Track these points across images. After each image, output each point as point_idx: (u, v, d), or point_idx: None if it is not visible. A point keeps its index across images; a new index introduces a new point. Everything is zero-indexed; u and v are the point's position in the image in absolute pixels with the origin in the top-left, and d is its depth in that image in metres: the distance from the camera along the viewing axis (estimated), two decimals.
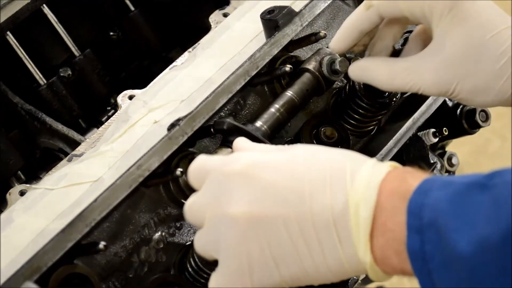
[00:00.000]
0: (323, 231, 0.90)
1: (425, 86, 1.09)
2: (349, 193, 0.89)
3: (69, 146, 1.38)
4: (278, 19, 1.24)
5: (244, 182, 0.94)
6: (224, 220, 0.94)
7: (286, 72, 1.21)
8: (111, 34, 1.62)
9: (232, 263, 0.94)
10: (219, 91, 1.17)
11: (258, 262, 0.93)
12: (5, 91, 1.44)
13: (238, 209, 0.93)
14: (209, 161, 0.99)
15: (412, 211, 0.85)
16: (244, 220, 0.92)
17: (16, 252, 1.07)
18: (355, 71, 1.16)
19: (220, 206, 0.95)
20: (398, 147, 1.30)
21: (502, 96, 1.07)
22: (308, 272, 0.92)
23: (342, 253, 0.89)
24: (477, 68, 1.06)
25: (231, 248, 0.94)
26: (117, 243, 1.12)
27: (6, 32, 1.42)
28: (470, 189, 0.83)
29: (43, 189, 1.16)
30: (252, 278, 0.94)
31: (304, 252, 0.91)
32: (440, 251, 0.82)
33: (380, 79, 1.12)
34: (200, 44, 1.35)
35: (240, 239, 0.93)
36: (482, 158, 3.15)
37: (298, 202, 0.91)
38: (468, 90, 1.08)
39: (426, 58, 1.09)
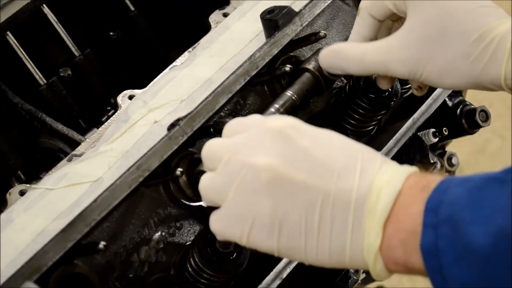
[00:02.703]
0: (340, 210, 0.89)
1: (394, 65, 1.10)
2: (376, 179, 0.89)
3: (69, 146, 1.38)
4: (278, 19, 1.24)
5: (279, 139, 0.93)
6: (246, 168, 0.92)
7: (286, 72, 1.22)
8: (111, 34, 1.62)
9: (237, 210, 0.93)
10: (219, 91, 1.17)
11: (263, 220, 0.92)
12: (5, 91, 1.44)
13: (264, 160, 0.92)
14: (248, 118, 0.98)
15: (429, 208, 0.86)
16: (266, 173, 0.91)
17: (16, 252, 1.07)
18: (326, 54, 1.16)
19: (246, 154, 0.93)
20: (398, 147, 1.30)
21: (470, 77, 1.07)
22: (306, 249, 0.91)
23: (349, 237, 0.89)
24: (443, 48, 1.07)
25: (242, 196, 0.92)
26: (117, 243, 1.12)
27: (6, 32, 1.42)
28: (488, 184, 0.84)
29: (43, 189, 1.16)
30: (250, 233, 0.93)
31: (312, 225, 0.90)
32: (454, 246, 0.83)
33: (351, 61, 1.13)
34: (200, 44, 1.35)
35: (255, 190, 0.91)
36: (482, 158, 3.15)
37: (325, 176, 0.91)
38: (437, 70, 1.08)
39: (397, 38, 1.10)
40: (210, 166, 0.97)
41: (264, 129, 0.95)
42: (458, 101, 1.43)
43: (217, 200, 0.95)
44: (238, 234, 0.94)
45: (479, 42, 1.05)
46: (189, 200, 1.17)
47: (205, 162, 0.98)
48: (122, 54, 1.63)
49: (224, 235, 0.96)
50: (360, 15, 1.17)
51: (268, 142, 0.93)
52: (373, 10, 1.15)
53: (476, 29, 1.05)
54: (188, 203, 1.17)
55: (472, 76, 1.07)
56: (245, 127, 0.97)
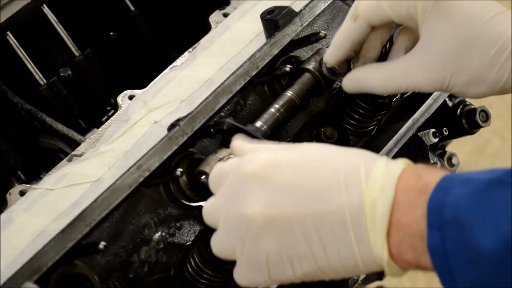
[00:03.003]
0: (339, 231, 0.90)
1: (420, 85, 1.11)
2: (364, 191, 0.89)
3: (69, 146, 1.38)
4: (278, 19, 1.24)
5: (258, 183, 0.94)
6: (240, 220, 0.95)
7: (286, 72, 1.22)
8: (111, 34, 1.62)
9: (250, 260, 0.95)
10: (219, 91, 1.17)
11: (273, 260, 0.94)
12: (5, 91, 1.44)
13: (253, 210, 0.93)
14: (226, 165, 1.01)
15: (432, 209, 0.85)
16: (259, 220, 0.93)
17: (16, 252, 1.07)
18: (350, 85, 1.18)
19: (235, 207, 0.95)
20: (398, 147, 1.30)
21: (496, 86, 1.08)
22: (321, 270, 0.93)
23: (357, 252, 0.90)
24: (467, 61, 1.07)
25: (248, 246, 0.95)
26: (117, 243, 1.11)
27: (6, 32, 1.42)
28: (491, 186, 0.84)
29: (43, 189, 1.16)
30: (269, 275, 0.95)
31: (318, 252, 0.91)
32: (462, 249, 0.83)
33: (376, 87, 1.15)
34: (200, 44, 1.35)
35: (256, 238, 0.94)
36: (482, 158, 3.15)
37: (313, 202, 0.91)
38: (462, 83, 1.09)
39: (417, 58, 1.10)
40: (214, 226, 1.01)
41: (241, 176, 0.96)
42: (458, 101, 1.43)
43: (231, 256, 0.99)
44: (262, 280, 0.97)
45: (501, 53, 1.05)
46: (189, 200, 1.17)
47: (210, 224, 1.01)
48: (122, 54, 1.63)
49: (252, 285, 0.99)
50: (356, 22, 1.13)
51: (250, 189, 0.95)
52: (372, 18, 1.13)
53: (496, 40, 1.05)
54: (188, 203, 1.17)
55: (498, 85, 1.08)
56: (224, 176, 0.99)
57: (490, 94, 1.10)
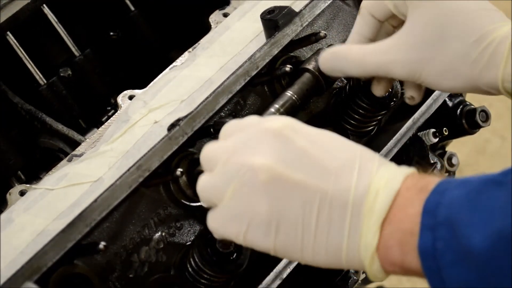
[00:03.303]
0: (338, 210, 0.90)
1: (394, 67, 1.10)
2: (374, 179, 0.90)
3: (69, 146, 1.38)
4: (278, 19, 1.24)
5: (276, 139, 0.93)
6: (243, 168, 0.93)
7: (286, 72, 1.22)
8: (111, 34, 1.62)
9: (235, 209, 0.93)
10: (219, 91, 1.17)
11: (260, 219, 0.92)
12: (5, 91, 1.44)
13: (262, 161, 0.92)
14: (245, 119, 0.99)
15: (427, 210, 0.86)
16: (264, 173, 0.91)
17: (16, 252, 1.08)
18: (327, 60, 1.17)
19: (243, 154, 0.93)
20: (398, 147, 1.30)
21: (469, 79, 1.07)
22: (302, 249, 0.92)
23: (346, 237, 0.89)
24: (444, 48, 1.07)
25: (239, 195, 0.93)
26: (117, 243, 1.12)
27: (6, 32, 1.42)
28: (486, 186, 0.84)
29: (43, 189, 1.16)
30: (246, 232, 0.93)
31: (309, 225, 0.91)
32: (452, 248, 0.83)
33: (352, 62, 1.13)
34: (200, 44, 1.35)
35: (253, 190, 0.92)
36: (482, 158, 3.15)
37: (323, 176, 0.91)
38: (436, 71, 1.08)
39: (397, 39, 1.11)
40: (208, 168, 0.98)
41: (261, 129, 0.95)
42: (458, 102, 1.43)
43: (215, 200, 0.96)
44: (235, 233, 0.94)
45: (478, 44, 1.05)
46: (189, 200, 1.17)
47: (204, 164, 0.99)
48: (122, 54, 1.63)
49: (222, 234, 0.96)
50: (361, 14, 1.17)
51: (265, 143, 0.93)
52: (374, 9, 1.15)
53: (475, 31, 1.05)
54: (188, 203, 1.17)
55: (471, 78, 1.07)
56: (242, 128, 0.97)
57: (465, 89, 1.10)
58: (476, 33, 1.05)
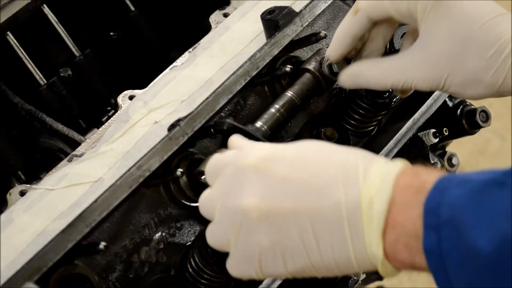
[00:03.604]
0: (334, 227, 0.90)
1: (416, 82, 1.11)
2: (362, 188, 0.89)
3: (69, 146, 1.38)
4: (278, 19, 1.24)
5: (256, 175, 0.94)
6: (235, 212, 0.94)
7: (287, 73, 1.21)
8: (111, 34, 1.62)
9: (243, 252, 0.95)
10: (219, 92, 1.17)
11: (266, 253, 0.94)
12: (5, 91, 1.44)
13: (249, 202, 0.93)
14: (224, 156, 1.00)
15: (429, 209, 0.85)
16: (255, 212, 0.93)
17: (16, 253, 1.07)
18: (347, 79, 1.17)
19: (231, 198, 0.95)
20: (398, 147, 1.30)
21: (492, 87, 1.08)
22: (314, 266, 0.93)
23: (352, 249, 0.90)
24: (464, 61, 1.07)
25: (242, 238, 0.94)
26: (118, 243, 1.12)
27: (6, 32, 1.42)
28: (489, 187, 0.83)
29: (43, 190, 1.16)
30: (260, 269, 0.95)
31: (312, 247, 0.91)
32: (457, 249, 0.83)
33: (373, 81, 1.14)
34: (200, 44, 1.35)
35: (250, 230, 0.93)
36: (482, 158, 3.14)
37: (310, 197, 0.91)
38: (458, 83, 1.09)
39: (414, 55, 1.11)
40: (210, 218, 1.00)
41: (240, 169, 0.96)
42: (459, 102, 1.43)
43: (225, 246, 0.98)
44: (253, 273, 0.97)
45: (498, 55, 1.05)
46: (190, 200, 1.17)
47: (205, 216, 1.01)
48: (122, 54, 1.63)
49: (243, 276, 0.99)
50: (357, 14, 1.15)
51: (247, 181, 0.94)
52: (372, 10, 1.14)
53: (494, 41, 1.05)
54: (188, 203, 1.17)
55: (494, 87, 1.07)
56: (223, 167, 0.98)
57: (486, 96, 1.10)
58: (495, 44, 1.05)
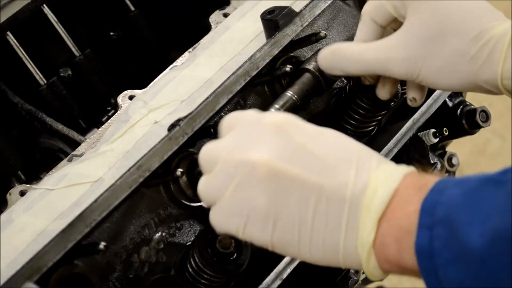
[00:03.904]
0: (335, 206, 0.90)
1: (392, 64, 1.11)
2: (372, 176, 0.90)
3: (69, 146, 1.38)
4: (278, 19, 1.24)
5: (275, 134, 0.93)
6: (241, 164, 0.93)
7: (287, 72, 1.22)
8: (111, 34, 1.62)
9: (234, 204, 0.93)
10: (219, 91, 1.17)
11: (258, 214, 0.92)
12: (5, 91, 1.44)
13: (261, 156, 0.92)
14: (245, 113, 0.98)
15: (425, 209, 0.86)
16: (263, 168, 0.91)
17: (16, 253, 1.07)
18: (325, 56, 1.17)
19: (241, 150, 0.93)
20: (398, 147, 1.30)
21: (470, 78, 1.07)
22: (299, 244, 0.92)
23: (343, 233, 0.89)
24: (442, 44, 1.07)
25: (239, 190, 0.93)
26: (117, 243, 1.12)
27: (6, 32, 1.42)
28: (484, 185, 0.84)
29: (43, 189, 1.16)
30: (245, 226, 0.93)
31: (306, 221, 0.91)
32: (449, 247, 0.83)
33: (350, 59, 1.14)
34: (200, 44, 1.35)
35: (251, 186, 0.92)
36: (482, 158, 3.15)
37: (321, 171, 0.91)
38: (434, 69, 1.09)
39: (395, 37, 1.12)
40: (208, 169, 0.97)
41: (261, 124, 0.95)
42: (459, 102, 1.43)
43: (216, 198, 0.96)
44: (235, 228, 0.94)
45: (476, 42, 1.05)
46: (190, 200, 1.17)
47: (203, 166, 0.98)
48: (122, 54, 1.63)
49: (222, 228, 0.97)
50: (362, 20, 1.17)
51: (265, 137, 0.94)
52: (375, 14, 1.16)
53: (473, 28, 1.06)
54: (188, 203, 1.17)
55: (469, 76, 1.07)
56: (242, 122, 0.97)
57: (463, 87, 1.10)
58: (474, 30, 1.05)
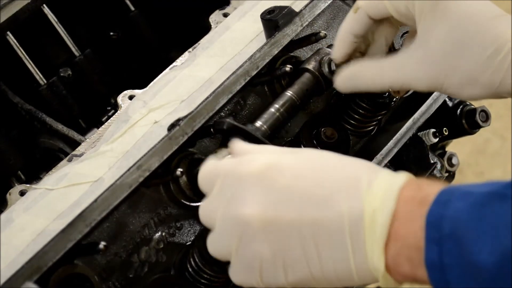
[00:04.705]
0: (336, 238, 0.89)
1: (414, 82, 1.10)
2: (365, 200, 0.88)
3: (69, 146, 1.38)
4: (278, 19, 1.24)
5: (259, 184, 0.93)
6: (236, 221, 0.93)
7: (286, 72, 1.22)
8: (111, 34, 1.62)
9: (245, 261, 0.94)
10: (219, 91, 1.17)
11: (267, 263, 0.93)
12: (5, 91, 1.44)
13: (251, 211, 0.92)
14: (221, 164, 0.99)
15: (431, 222, 0.84)
16: (256, 222, 0.92)
17: (16, 252, 1.07)
18: (343, 83, 1.16)
19: (232, 208, 0.94)
20: (398, 147, 1.30)
21: (490, 88, 1.07)
22: (314, 278, 0.92)
23: (353, 261, 0.89)
24: (462, 61, 1.06)
25: (243, 248, 0.94)
26: (117, 243, 1.12)
27: (6, 32, 1.42)
28: (490, 200, 0.83)
29: (43, 189, 1.16)
30: (261, 278, 0.94)
31: (313, 258, 0.91)
32: (459, 263, 0.82)
33: (370, 83, 1.13)
34: (200, 44, 1.35)
35: (251, 240, 0.93)
36: (482, 158, 3.14)
37: (312, 207, 0.90)
38: (455, 83, 1.08)
39: (412, 55, 1.10)
40: (209, 226, 0.99)
41: (241, 176, 0.95)
42: (458, 102, 1.43)
43: (227, 256, 0.98)
44: (254, 282, 0.96)
45: (496, 54, 1.04)
46: (189, 200, 1.17)
47: (205, 223, 1.00)
48: (122, 54, 1.63)
49: (245, 285, 0.98)
50: (357, 12, 1.15)
51: (248, 191, 0.93)
52: (372, 9, 1.14)
53: (492, 41, 1.04)
54: (188, 203, 1.17)
55: (492, 87, 1.07)
56: (221, 176, 0.97)
57: (484, 96, 1.09)
58: (493, 44, 1.04)
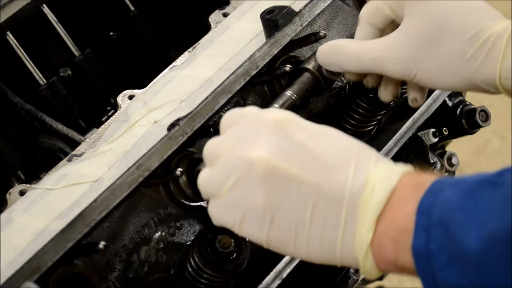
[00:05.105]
0: (334, 206, 0.90)
1: (389, 64, 1.11)
2: (370, 175, 0.89)
3: (69, 146, 1.38)
4: (278, 19, 1.24)
5: (275, 131, 0.94)
6: (241, 161, 0.93)
7: (286, 72, 1.22)
8: (111, 34, 1.62)
9: (233, 199, 0.94)
10: (219, 91, 1.17)
11: (255, 211, 0.93)
12: (5, 91, 1.44)
13: (259, 154, 0.92)
14: (245, 110, 0.99)
15: (421, 210, 0.85)
16: (261, 166, 0.92)
17: (16, 252, 1.07)
18: (324, 55, 1.18)
19: (241, 147, 0.94)
20: (398, 147, 1.30)
21: (468, 78, 1.07)
22: (295, 242, 0.92)
23: (341, 232, 0.89)
24: (440, 45, 1.07)
25: (237, 187, 0.93)
26: (117, 243, 1.12)
27: (6, 32, 1.42)
28: (480, 186, 0.83)
29: (43, 189, 1.16)
30: (242, 222, 0.94)
31: (304, 221, 0.91)
32: (445, 248, 0.82)
33: (348, 56, 1.14)
34: (200, 44, 1.35)
35: (249, 183, 0.92)
36: (482, 158, 3.15)
37: (319, 170, 0.91)
38: (432, 69, 1.09)
39: (393, 37, 1.12)
40: (210, 163, 0.98)
41: (261, 121, 0.95)
42: (458, 101, 1.43)
43: (215, 192, 0.96)
44: (232, 222, 0.95)
45: (474, 41, 1.05)
46: (189, 200, 1.17)
47: (206, 159, 0.99)
48: (122, 54, 1.63)
49: (220, 222, 0.97)
50: (361, 24, 1.17)
51: (264, 135, 0.94)
52: (372, 17, 1.16)
53: (471, 28, 1.05)
54: (188, 203, 1.17)
55: (467, 76, 1.07)
56: (242, 119, 0.98)
57: (461, 87, 1.09)
58: (472, 30, 1.05)
